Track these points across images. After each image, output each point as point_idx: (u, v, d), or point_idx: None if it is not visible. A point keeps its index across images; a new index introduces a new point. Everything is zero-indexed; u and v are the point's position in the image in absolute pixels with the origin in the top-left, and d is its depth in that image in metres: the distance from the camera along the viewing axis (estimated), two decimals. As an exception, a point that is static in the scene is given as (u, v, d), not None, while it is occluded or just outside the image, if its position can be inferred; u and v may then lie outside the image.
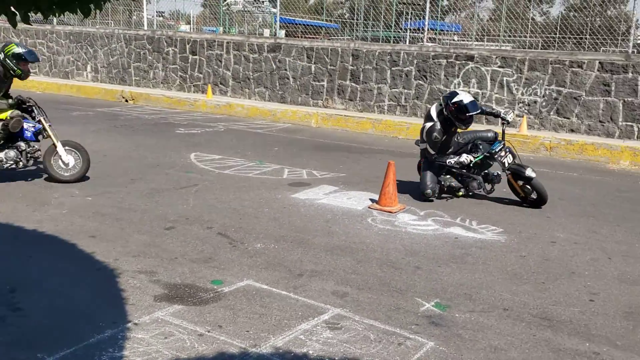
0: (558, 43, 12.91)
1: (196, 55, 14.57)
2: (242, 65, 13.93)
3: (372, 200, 6.52)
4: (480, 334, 3.60)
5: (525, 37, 14.94)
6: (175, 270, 4.36)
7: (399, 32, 15.72)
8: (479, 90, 11.23)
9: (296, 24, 16.78)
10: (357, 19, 15.35)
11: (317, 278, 4.35)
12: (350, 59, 12.51)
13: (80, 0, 1.65)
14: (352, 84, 12.57)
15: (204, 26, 21.31)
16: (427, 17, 12.55)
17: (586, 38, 13.25)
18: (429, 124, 6.67)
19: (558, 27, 13.64)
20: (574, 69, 10.41)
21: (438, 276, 4.51)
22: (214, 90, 14.22)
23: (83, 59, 16.57)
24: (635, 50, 12.22)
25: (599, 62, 10.20)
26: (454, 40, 16.59)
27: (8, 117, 6.52)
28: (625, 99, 10.06)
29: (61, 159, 6.66)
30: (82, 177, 6.75)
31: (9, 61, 6.54)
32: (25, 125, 6.61)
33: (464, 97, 6.55)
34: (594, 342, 3.57)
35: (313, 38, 14.64)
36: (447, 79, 11.53)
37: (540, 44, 14.31)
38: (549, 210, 6.49)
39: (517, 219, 6.10)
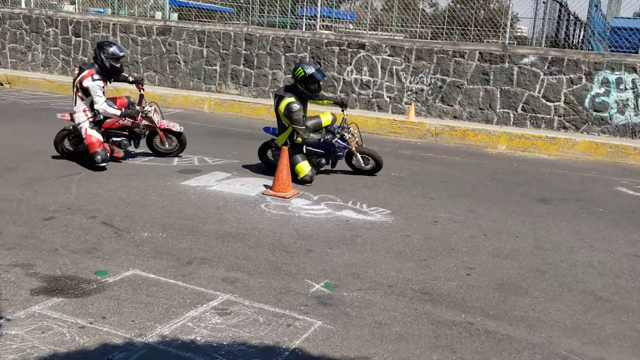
0: (445, 34, 13.55)
1: (80, 37, 13.76)
2: (130, 48, 13.34)
3: (266, 186, 6.53)
4: (366, 311, 3.74)
5: (416, 27, 15.55)
6: (55, 262, 4.13)
7: (295, 18, 15.77)
8: (370, 78, 11.55)
9: (189, 7, 16.30)
10: (252, 4, 15.19)
11: (206, 265, 4.30)
12: (244, 43, 12.38)
13: None
14: (246, 69, 12.46)
15: (90, 7, 20.13)
16: (319, 4, 12.67)
17: (471, 29, 14.01)
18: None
19: (445, 19, 14.29)
20: (456, 58, 10.99)
21: (329, 258, 4.61)
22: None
23: (-51, 38, 15.13)
24: (516, 42, 13.11)
25: (479, 53, 10.84)
26: (349, 28, 16.90)
27: None
28: (503, 88, 10.78)
29: None
30: None
31: (301, 89, 6.79)
32: None
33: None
34: (469, 313, 3.83)
35: (207, 22, 14.31)
36: (341, 66, 11.74)
37: (429, 35, 14.96)
38: (432, 192, 6.84)
39: (404, 201, 6.37)
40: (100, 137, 6.78)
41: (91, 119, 6.81)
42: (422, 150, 9.56)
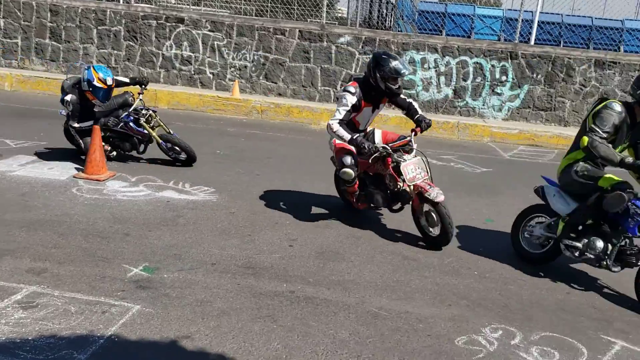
0: (270, 11, 13.63)
1: None
2: None
3: (78, 169, 6.08)
4: (187, 290, 3.69)
5: (240, 4, 15.42)
6: None
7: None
8: (191, 54, 11.25)
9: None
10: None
11: (8, 257, 3.91)
12: (49, 15, 11.28)
13: None
14: (53, 42, 11.39)
15: None
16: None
17: (294, 8, 14.27)
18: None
19: (269, -3, 14.35)
20: (277, 36, 11.14)
21: (148, 241, 4.45)
22: None
23: None
24: (337, 23, 13.63)
25: (299, 31, 11.11)
26: (170, 2, 16.22)
27: None
28: (322, 66, 11.19)
29: None
30: None
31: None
32: None
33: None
34: (291, 282, 3.96)
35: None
36: (159, 41, 11.26)
37: (254, 12, 14.92)
38: (258, 168, 6.92)
39: (229, 179, 6.36)
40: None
41: None
42: (248, 128, 9.59)
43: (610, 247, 4.19)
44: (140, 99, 6.56)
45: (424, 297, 3.93)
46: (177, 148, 6.62)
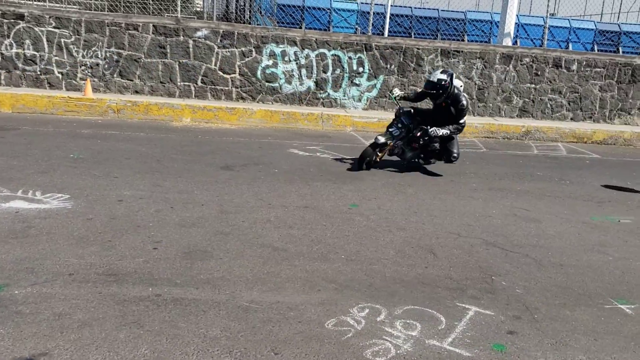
0: (124, 7, 12.97)
1: None
2: None
3: None
4: (43, 305, 3.43)
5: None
6: None
7: None
8: (36, 53, 10.41)
9: None
10: None
11: None
12: None
13: None
14: None
15: None
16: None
17: (149, 3, 13.72)
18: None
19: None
20: (130, 31, 10.65)
21: (-6, 256, 4.07)
22: None
23: None
24: (196, 17, 13.28)
25: (153, 26, 10.71)
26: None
27: None
28: (181, 61, 10.89)
29: None
30: None
31: None
32: None
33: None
34: (157, 285, 3.83)
35: None
36: (-4, 39, 10.28)
37: (106, 7, 14.12)
38: (116, 170, 6.59)
39: (84, 183, 5.99)
40: None
41: None
42: (103, 129, 9.09)
43: None
44: None
45: (295, 286, 3.99)
46: None
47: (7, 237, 4.42)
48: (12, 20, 10.27)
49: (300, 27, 14.01)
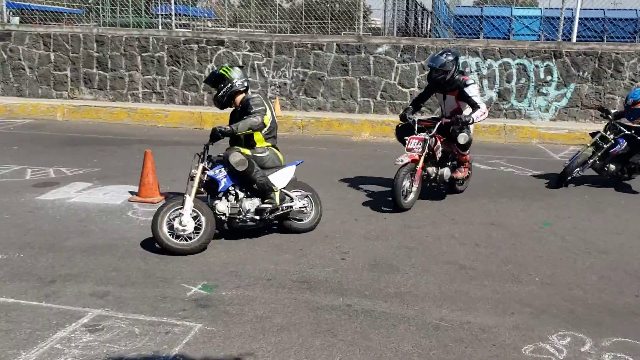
0: (304, 28, 13.78)
1: None
2: (-37, 55, 12.07)
3: (132, 193, 6.23)
4: (246, 307, 3.71)
5: (275, 22, 15.63)
6: None
7: (150, 17, 15.19)
8: (232, 75, 11.44)
9: (32, 10, 15.05)
10: (102, 4, 14.38)
11: (72, 282, 4.02)
12: (95, 45, 11.69)
13: None
14: (100, 72, 11.78)
15: None
16: (173, 2, 12.31)
17: (328, 23, 14.38)
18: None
19: (303, 13, 14.50)
20: (315, 51, 11.22)
21: (205, 259, 4.51)
22: None
23: None
24: (371, 34, 13.64)
25: (337, 44, 11.16)
26: (208, 26, 16.60)
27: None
28: (361, 77, 11.19)
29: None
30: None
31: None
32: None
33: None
34: (347, 295, 3.94)
35: (52, 24, 13.30)
36: (201, 63, 11.51)
37: (289, 30, 15.09)
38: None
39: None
40: None
41: None
42: (289, 144, 9.65)
43: None
44: None
45: (486, 307, 3.84)
46: None
47: (215, 242, 4.87)
48: (214, 47, 11.42)
49: (479, 37, 13.59)
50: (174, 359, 3.09)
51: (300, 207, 5.15)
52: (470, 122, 6.09)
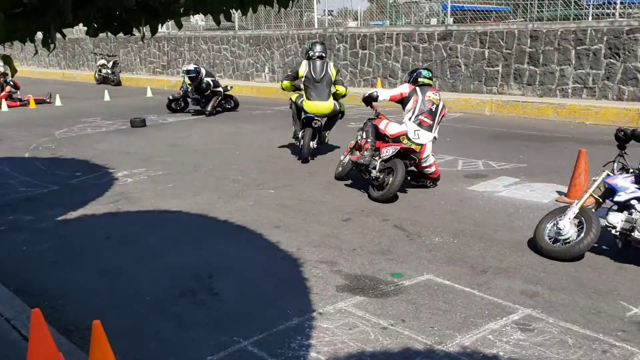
0: None
1: (366, 49, 14.71)
2: (411, 56, 13.76)
3: (560, 193, 6.00)
4: None
5: None
6: (354, 262, 4.39)
7: (579, 9, 14.38)
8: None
9: (464, 10, 16.14)
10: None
11: (502, 275, 4.09)
12: (529, 40, 11.68)
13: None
14: (531, 67, 11.74)
15: (370, 21, 21.49)
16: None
17: None
18: None
19: None
20: None
21: (645, 278, 3.98)
22: (383, 84, 14.25)
23: (261, 61, 17.64)
24: None
25: None
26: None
27: None
28: None
29: None
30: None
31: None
32: None
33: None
34: None
35: (483, 23, 13.95)
36: (645, 55, 10.24)
37: None
38: None
39: None
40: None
41: None
42: None
43: None
44: None
45: None
46: None
47: (658, 261, 4.24)
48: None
49: None
50: (613, 384, 2.80)
51: None
52: None
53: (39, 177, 7.28)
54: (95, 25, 1.58)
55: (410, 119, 6.18)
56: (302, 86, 7.94)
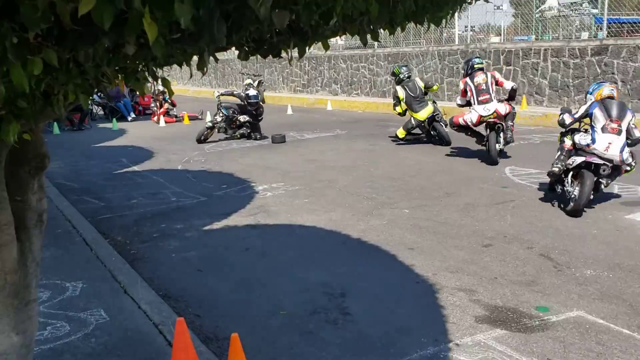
0: None
1: (510, 65, 14.08)
2: (560, 72, 12.92)
3: None
4: None
5: None
6: (495, 291, 4.13)
7: None
8: None
9: (622, 23, 14.85)
10: None
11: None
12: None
13: (433, 11, 1.62)
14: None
15: (514, 36, 20.59)
16: None
17: None
18: None
19: None
20: None
21: None
22: (529, 101, 13.51)
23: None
24: None
25: None
26: None
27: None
28: None
29: None
30: None
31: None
32: None
33: None
34: None
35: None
36: None
37: None
38: None
39: None
40: None
41: None
42: None
43: None
44: None
45: None
46: None
47: None
48: None
49: None
50: None
51: None
52: None
53: (190, 188, 7.81)
54: (247, 49, 1.62)
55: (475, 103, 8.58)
56: (404, 105, 10.32)
